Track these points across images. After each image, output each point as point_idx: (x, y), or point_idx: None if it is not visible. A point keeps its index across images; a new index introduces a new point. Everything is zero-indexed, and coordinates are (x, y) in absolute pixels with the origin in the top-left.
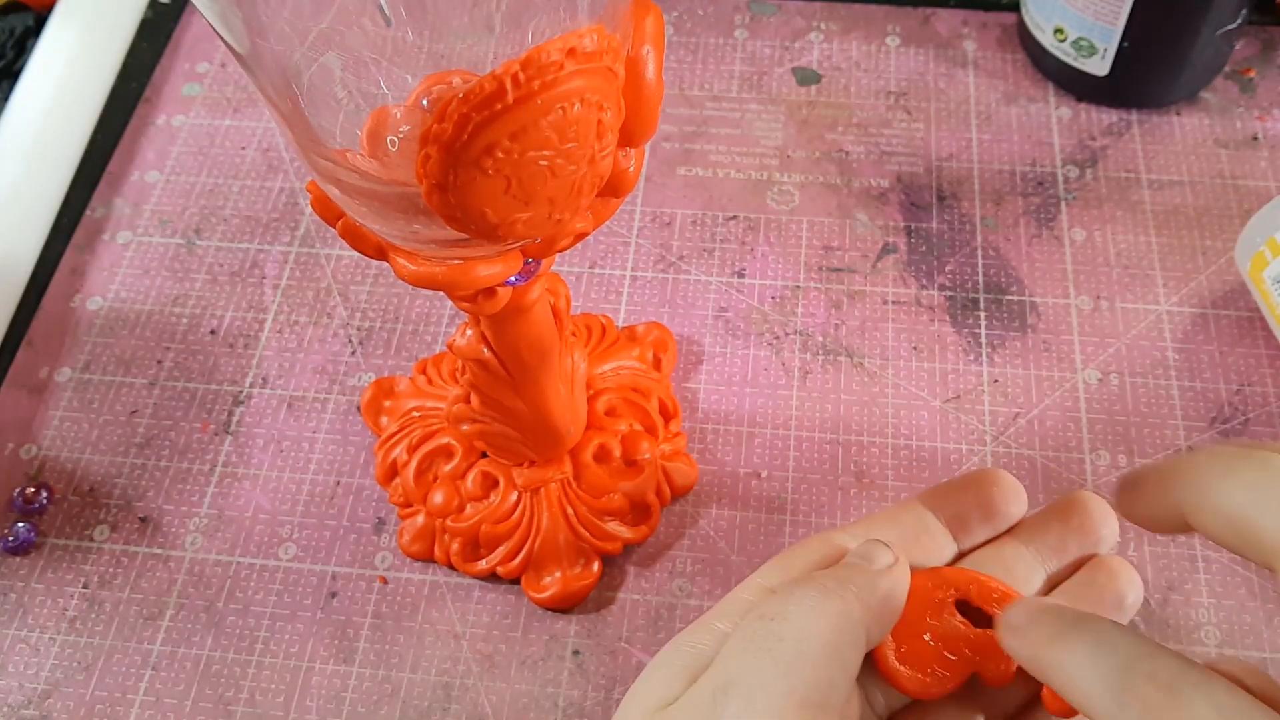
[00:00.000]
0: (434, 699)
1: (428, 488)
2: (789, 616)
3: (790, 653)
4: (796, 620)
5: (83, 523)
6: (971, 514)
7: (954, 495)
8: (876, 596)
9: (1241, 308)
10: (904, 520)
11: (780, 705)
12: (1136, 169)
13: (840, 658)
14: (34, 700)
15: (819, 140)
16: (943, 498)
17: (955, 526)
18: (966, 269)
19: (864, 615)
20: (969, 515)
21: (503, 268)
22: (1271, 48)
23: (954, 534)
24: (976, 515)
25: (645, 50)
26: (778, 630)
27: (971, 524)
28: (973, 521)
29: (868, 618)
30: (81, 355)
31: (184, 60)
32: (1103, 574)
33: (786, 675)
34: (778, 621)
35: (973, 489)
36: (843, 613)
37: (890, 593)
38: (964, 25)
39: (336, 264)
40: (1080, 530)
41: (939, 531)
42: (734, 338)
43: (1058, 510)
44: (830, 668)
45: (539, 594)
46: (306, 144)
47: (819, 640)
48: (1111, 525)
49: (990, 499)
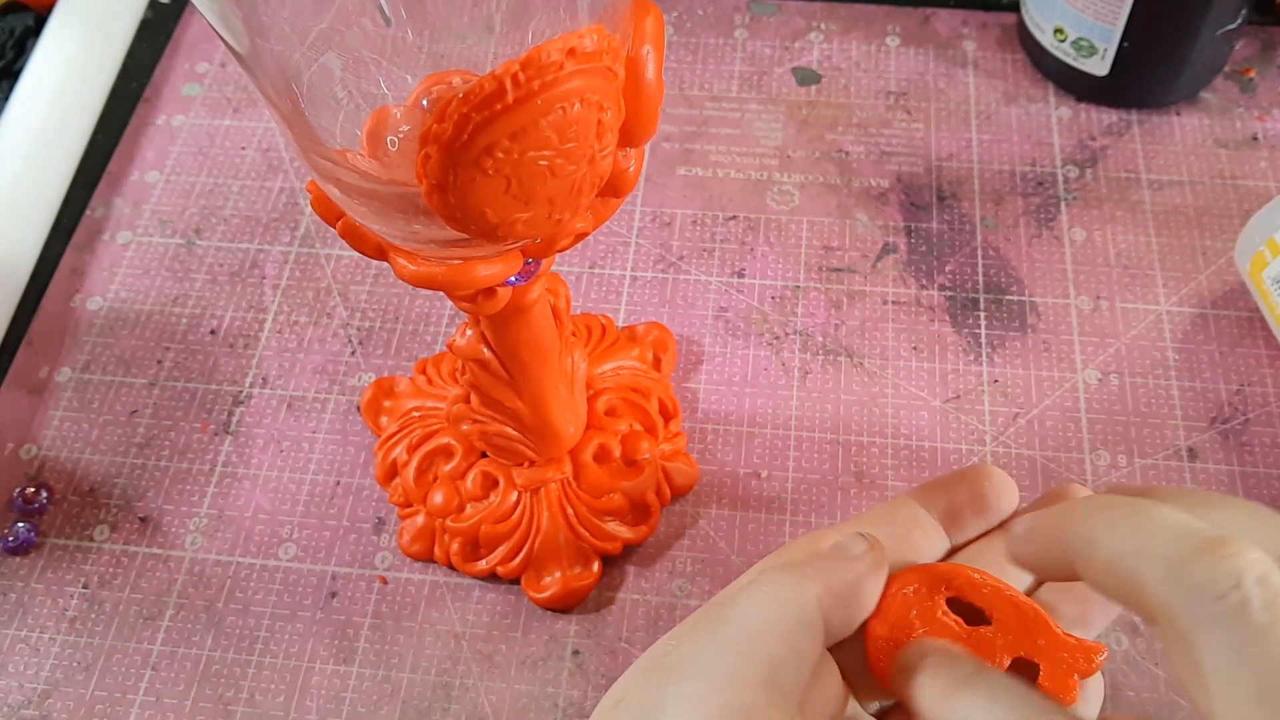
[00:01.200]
0: (434, 699)
1: (428, 488)
2: (738, 602)
3: (735, 633)
4: (744, 604)
5: (83, 523)
6: (964, 509)
7: (946, 490)
8: (841, 583)
9: (1241, 308)
10: (897, 516)
11: (722, 683)
12: (1136, 169)
13: (789, 640)
14: (34, 700)
15: (819, 140)
16: (935, 493)
17: (948, 522)
18: (966, 269)
19: (823, 601)
20: (962, 510)
21: (503, 268)
22: (1271, 48)
23: (947, 529)
24: (969, 510)
25: (645, 50)
26: (725, 614)
27: (964, 519)
28: (965, 516)
29: (828, 602)
30: (81, 355)
31: (184, 60)
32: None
33: (728, 654)
34: (726, 606)
35: (965, 484)
36: (796, 598)
37: (857, 582)
38: (964, 25)
39: (336, 264)
40: (975, 499)
41: (932, 527)
42: (734, 338)
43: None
44: (777, 647)
45: (539, 594)
46: (306, 144)
47: (765, 621)
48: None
49: (982, 494)
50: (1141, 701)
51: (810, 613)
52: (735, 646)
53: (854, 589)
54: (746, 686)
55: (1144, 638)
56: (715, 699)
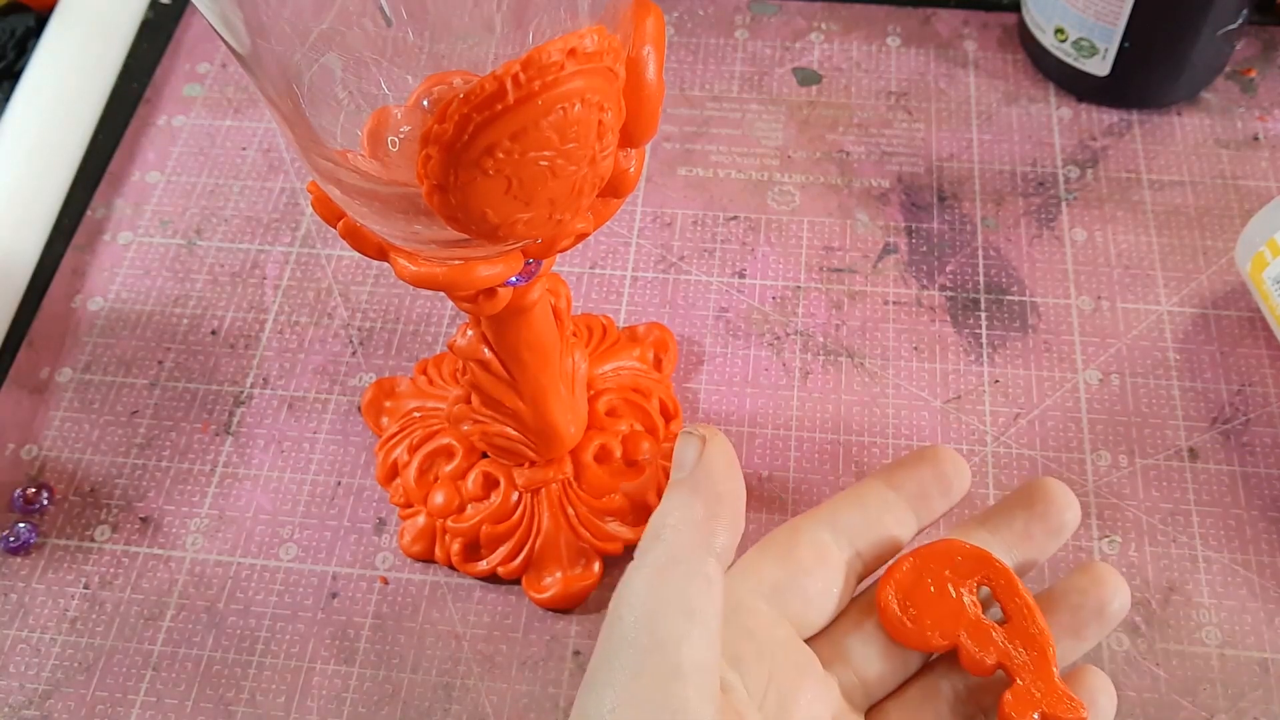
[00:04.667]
0: (435, 699)
1: (428, 488)
2: (622, 595)
3: (629, 631)
4: (628, 594)
5: (83, 523)
6: (931, 491)
7: (911, 471)
8: (699, 512)
9: (1242, 308)
10: (867, 500)
11: (621, 687)
12: (1137, 169)
13: (685, 606)
14: (35, 701)
15: (820, 140)
16: (901, 475)
17: (917, 503)
18: (967, 269)
19: (695, 544)
20: (929, 492)
21: (503, 268)
22: (1272, 48)
23: (915, 510)
24: (936, 491)
25: (646, 51)
26: (618, 610)
27: (932, 500)
28: (933, 498)
29: (701, 536)
30: (82, 356)
31: (185, 60)
32: (1086, 579)
33: (627, 654)
34: (619, 600)
35: (928, 465)
36: (665, 564)
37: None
38: (965, 25)
39: (337, 264)
40: (1044, 516)
41: (901, 509)
42: (735, 338)
43: (1022, 498)
44: (674, 625)
45: (540, 594)
46: (307, 144)
47: (644, 605)
48: (1074, 510)
49: (945, 474)
50: (1142, 702)
51: (693, 564)
52: (632, 645)
53: (716, 502)
54: (656, 685)
55: (1144, 638)
56: (628, 713)
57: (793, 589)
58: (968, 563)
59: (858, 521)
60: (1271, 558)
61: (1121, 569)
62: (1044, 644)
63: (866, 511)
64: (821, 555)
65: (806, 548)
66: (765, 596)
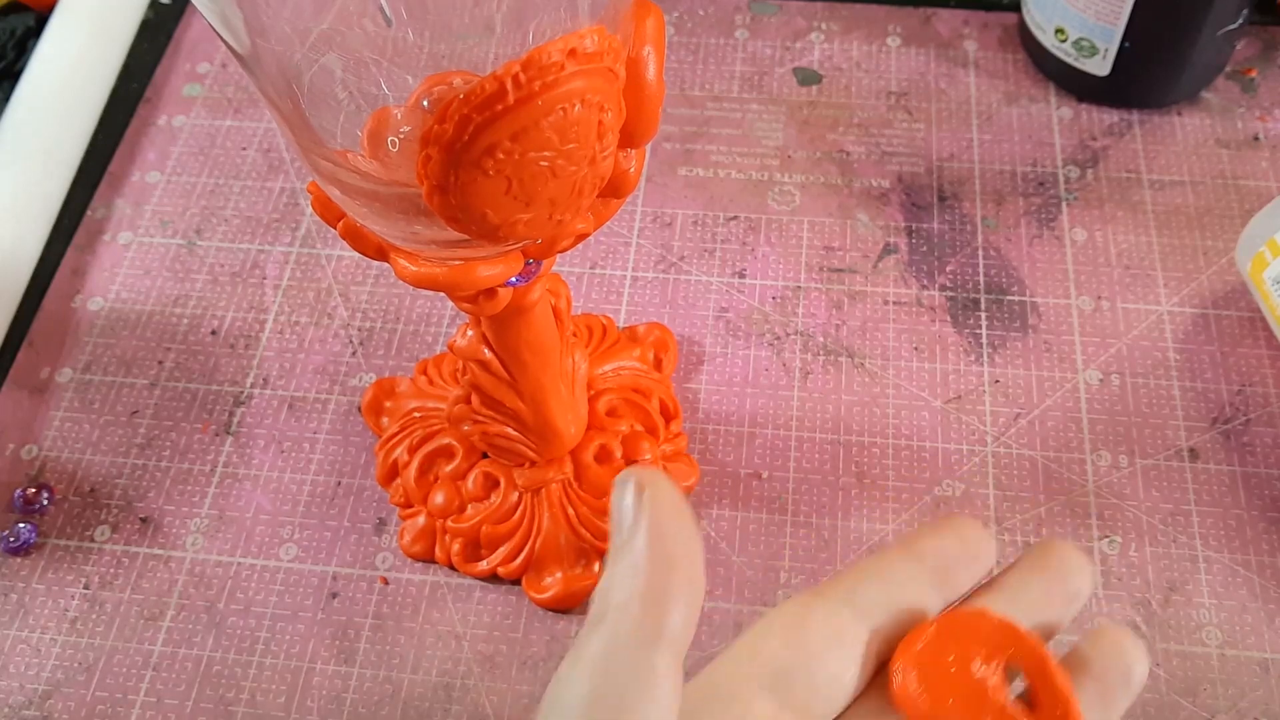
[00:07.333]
0: (435, 700)
1: (429, 488)
2: (556, 691)
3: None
4: (557, 690)
5: (84, 523)
6: (957, 565)
7: (936, 543)
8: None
9: (1242, 308)
10: (889, 572)
11: None
12: (1137, 169)
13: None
14: (35, 701)
15: (820, 140)
16: (924, 546)
17: (940, 577)
18: (967, 269)
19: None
20: (955, 566)
21: (503, 268)
22: (1272, 48)
23: (939, 585)
24: (962, 565)
25: (646, 51)
26: (550, 705)
27: (957, 575)
28: (958, 572)
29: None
30: (82, 356)
31: (185, 60)
32: (1107, 644)
33: None
34: (551, 694)
35: (954, 537)
36: (606, 656)
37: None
38: (965, 25)
39: (337, 264)
40: (1060, 580)
41: (926, 583)
42: (735, 338)
43: (1034, 563)
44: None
45: (540, 594)
46: (307, 145)
47: (579, 708)
48: (1086, 572)
49: (969, 545)
50: (1142, 702)
51: (639, 657)
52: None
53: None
54: None
55: (1145, 639)
56: None
57: (800, 675)
58: (995, 637)
59: (879, 595)
60: (1272, 558)
61: (1122, 569)
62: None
63: (888, 585)
64: (837, 635)
65: (819, 627)
66: (766, 685)
